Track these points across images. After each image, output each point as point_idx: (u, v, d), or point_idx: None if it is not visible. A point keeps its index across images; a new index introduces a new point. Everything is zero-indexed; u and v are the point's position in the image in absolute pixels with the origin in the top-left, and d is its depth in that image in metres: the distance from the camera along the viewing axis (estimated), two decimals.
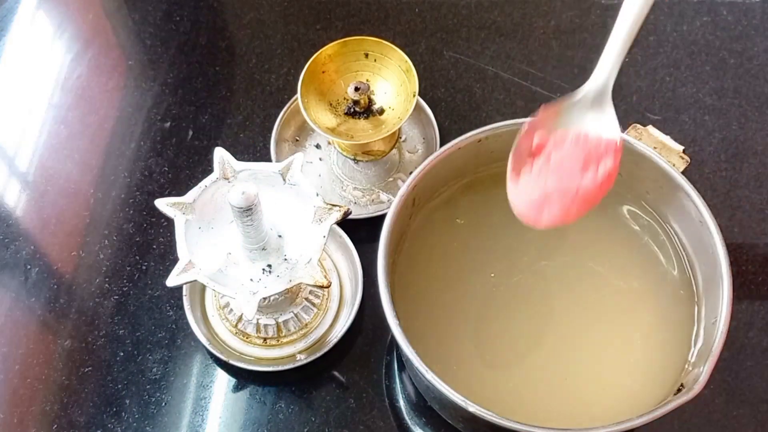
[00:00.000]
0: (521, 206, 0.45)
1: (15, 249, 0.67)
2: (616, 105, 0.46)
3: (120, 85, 0.75)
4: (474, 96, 0.73)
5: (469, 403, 0.46)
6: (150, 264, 0.65)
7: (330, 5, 0.79)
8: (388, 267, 0.51)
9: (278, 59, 0.76)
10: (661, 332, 0.55)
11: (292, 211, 0.54)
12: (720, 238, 0.50)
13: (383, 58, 0.64)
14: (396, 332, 0.48)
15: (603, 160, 0.46)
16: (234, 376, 0.61)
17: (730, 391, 0.59)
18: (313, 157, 0.69)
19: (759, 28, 0.75)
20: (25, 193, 0.70)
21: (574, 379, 0.54)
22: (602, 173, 0.45)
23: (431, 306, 0.56)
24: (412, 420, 0.60)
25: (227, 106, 0.73)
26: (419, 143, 0.70)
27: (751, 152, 0.69)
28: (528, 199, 0.45)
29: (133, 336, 0.62)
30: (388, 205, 0.61)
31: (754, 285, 0.63)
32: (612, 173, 0.46)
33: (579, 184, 0.45)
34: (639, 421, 0.46)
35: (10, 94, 0.75)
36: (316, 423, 0.59)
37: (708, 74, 0.73)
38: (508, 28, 0.77)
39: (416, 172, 0.53)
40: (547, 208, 0.45)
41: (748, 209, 0.66)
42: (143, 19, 0.79)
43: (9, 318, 0.64)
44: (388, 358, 0.62)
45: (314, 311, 0.61)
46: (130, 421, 0.59)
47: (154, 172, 0.70)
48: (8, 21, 0.79)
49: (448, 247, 0.58)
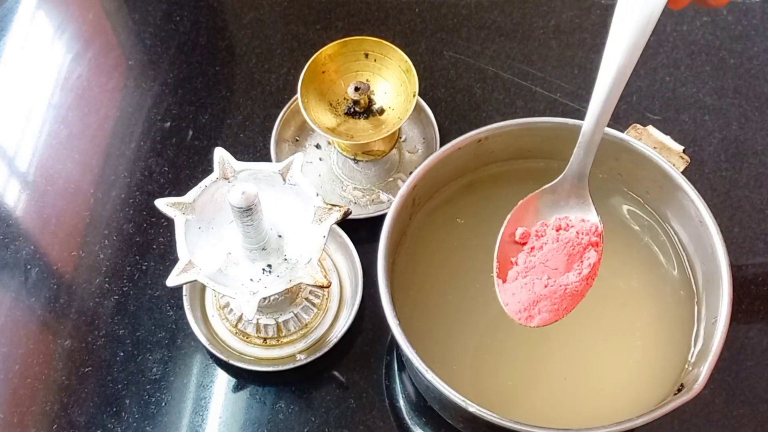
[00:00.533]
0: (512, 309, 0.47)
1: (15, 249, 0.67)
2: (617, 105, 0.46)
3: (120, 85, 0.75)
4: (474, 96, 0.73)
5: (469, 403, 0.46)
6: (150, 264, 0.65)
7: (330, 5, 0.79)
8: (388, 267, 0.51)
9: (278, 59, 0.76)
10: (661, 332, 0.55)
11: (292, 211, 0.54)
12: (720, 238, 0.51)
13: (383, 58, 0.64)
14: (396, 332, 0.48)
15: (586, 254, 0.47)
16: (234, 376, 0.61)
17: (730, 391, 0.59)
18: (313, 157, 0.69)
19: (759, 28, 0.75)
20: (25, 193, 0.70)
21: (574, 379, 0.54)
22: (587, 268, 0.47)
23: (431, 306, 0.56)
24: (412, 420, 0.60)
25: (227, 106, 0.73)
26: (419, 143, 0.70)
27: (751, 152, 0.69)
28: (518, 303, 0.46)
29: (133, 336, 0.62)
30: (388, 205, 0.61)
31: (754, 285, 0.63)
32: (596, 264, 0.47)
33: (566, 283, 0.46)
34: (639, 421, 0.46)
35: (10, 94, 0.75)
36: (316, 423, 0.59)
37: (708, 74, 0.73)
38: (508, 28, 0.77)
39: (416, 172, 0.53)
40: (538, 311, 0.46)
41: (748, 209, 0.66)
42: (143, 19, 0.79)
43: (9, 318, 0.64)
44: (388, 358, 0.62)
45: (314, 311, 0.61)
46: (130, 421, 0.59)
47: (154, 172, 0.70)
48: (8, 21, 0.79)
49: (448, 246, 0.58)
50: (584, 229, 0.48)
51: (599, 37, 0.75)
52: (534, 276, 0.47)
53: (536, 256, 0.48)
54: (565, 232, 0.48)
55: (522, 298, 0.47)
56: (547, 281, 0.46)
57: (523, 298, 0.47)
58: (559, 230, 0.49)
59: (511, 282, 0.47)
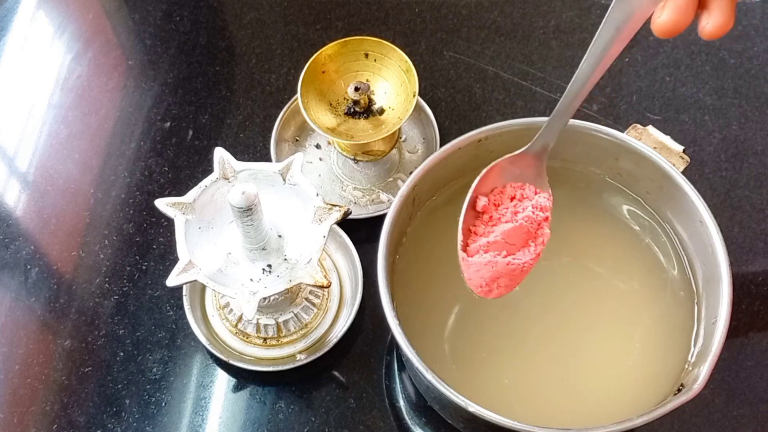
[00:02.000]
0: (474, 283, 0.50)
1: (15, 249, 0.67)
2: (617, 105, 0.47)
3: (120, 85, 0.75)
4: (474, 96, 0.73)
5: (469, 403, 0.46)
6: (150, 264, 0.65)
7: (330, 5, 0.79)
8: (388, 267, 0.51)
9: (278, 59, 0.76)
10: (661, 332, 0.55)
11: (292, 211, 0.54)
12: (720, 238, 0.50)
13: (383, 58, 0.64)
14: (396, 332, 0.48)
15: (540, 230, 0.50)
16: (234, 376, 0.61)
17: (730, 391, 0.59)
18: (313, 157, 0.69)
19: (759, 28, 0.75)
20: (25, 193, 0.70)
21: (575, 379, 0.54)
22: (540, 246, 0.50)
23: (431, 306, 0.56)
24: (412, 420, 0.60)
25: (227, 106, 0.73)
26: (419, 143, 0.70)
27: (751, 152, 0.69)
28: (480, 278, 0.49)
29: (133, 336, 0.62)
30: (388, 205, 0.61)
31: (754, 285, 0.63)
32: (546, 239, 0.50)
33: (523, 261, 0.49)
34: (639, 421, 0.46)
35: (10, 94, 0.76)
36: (316, 423, 0.59)
37: (708, 74, 0.73)
38: (508, 28, 0.77)
39: (416, 172, 0.53)
40: (497, 286, 0.50)
41: (748, 209, 0.66)
42: (143, 19, 0.79)
43: (9, 318, 0.64)
44: (388, 358, 0.62)
45: (314, 311, 0.61)
46: (130, 421, 0.59)
47: (154, 172, 0.70)
48: (8, 21, 0.79)
49: (448, 246, 0.58)
50: (539, 204, 0.50)
51: None
52: (495, 252, 0.49)
53: (496, 231, 0.50)
54: (520, 203, 0.51)
55: (485, 275, 0.49)
56: (507, 259, 0.49)
57: (485, 275, 0.49)
58: (513, 199, 0.51)
59: (474, 257, 0.50)
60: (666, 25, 0.38)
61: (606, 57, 0.42)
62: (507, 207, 0.51)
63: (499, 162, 0.50)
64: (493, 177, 0.51)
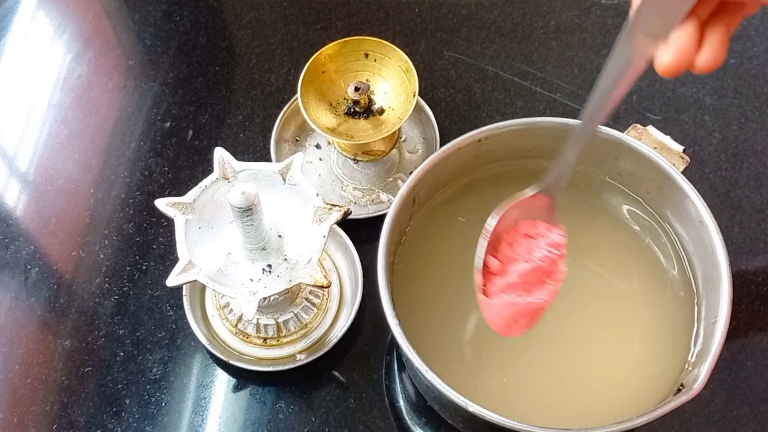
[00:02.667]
0: (496, 324, 0.50)
1: (15, 249, 0.67)
2: (616, 106, 0.46)
3: (120, 85, 0.75)
4: (474, 96, 0.73)
5: (469, 403, 0.46)
6: (150, 264, 0.65)
7: (330, 5, 0.79)
8: (388, 267, 0.51)
9: (278, 59, 0.76)
10: (661, 332, 0.55)
11: (292, 211, 0.54)
12: (720, 238, 0.50)
13: (383, 58, 0.64)
14: (396, 332, 0.48)
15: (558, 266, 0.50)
16: (234, 376, 0.61)
17: (730, 391, 0.59)
18: (313, 157, 0.69)
19: (759, 28, 0.75)
20: (25, 193, 0.70)
21: (575, 379, 0.54)
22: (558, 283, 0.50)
23: (431, 306, 0.56)
24: (412, 420, 0.60)
25: (227, 106, 0.73)
26: (419, 143, 0.70)
27: (751, 152, 0.69)
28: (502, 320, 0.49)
29: (133, 336, 0.62)
30: (388, 205, 0.61)
31: (754, 285, 0.63)
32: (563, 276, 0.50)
33: (542, 301, 0.49)
34: (639, 421, 0.46)
35: (10, 94, 0.76)
36: (316, 423, 0.59)
37: (708, 74, 0.73)
38: (508, 28, 0.77)
39: (416, 172, 0.53)
40: (518, 324, 0.49)
41: (748, 209, 0.66)
42: (143, 19, 0.79)
43: (9, 318, 0.64)
44: (388, 358, 0.62)
45: (314, 311, 0.61)
46: (130, 421, 0.59)
47: (154, 172, 0.70)
48: (8, 21, 0.79)
49: (448, 246, 0.58)
50: (554, 242, 0.50)
51: (599, 37, 0.75)
52: (514, 293, 0.49)
53: (513, 272, 0.49)
54: (534, 240, 0.50)
55: (506, 316, 0.49)
56: (527, 299, 0.49)
57: (506, 316, 0.49)
58: (527, 237, 0.51)
59: (495, 299, 0.49)
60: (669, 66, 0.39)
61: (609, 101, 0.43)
62: (522, 245, 0.50)
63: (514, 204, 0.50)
64: (505, 218, 0.50)
